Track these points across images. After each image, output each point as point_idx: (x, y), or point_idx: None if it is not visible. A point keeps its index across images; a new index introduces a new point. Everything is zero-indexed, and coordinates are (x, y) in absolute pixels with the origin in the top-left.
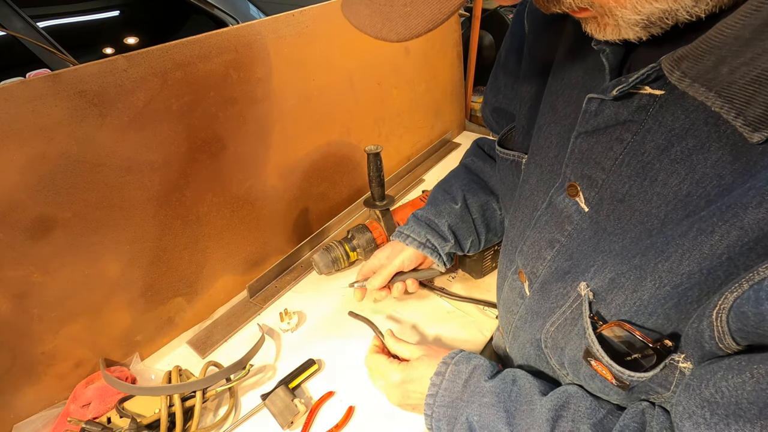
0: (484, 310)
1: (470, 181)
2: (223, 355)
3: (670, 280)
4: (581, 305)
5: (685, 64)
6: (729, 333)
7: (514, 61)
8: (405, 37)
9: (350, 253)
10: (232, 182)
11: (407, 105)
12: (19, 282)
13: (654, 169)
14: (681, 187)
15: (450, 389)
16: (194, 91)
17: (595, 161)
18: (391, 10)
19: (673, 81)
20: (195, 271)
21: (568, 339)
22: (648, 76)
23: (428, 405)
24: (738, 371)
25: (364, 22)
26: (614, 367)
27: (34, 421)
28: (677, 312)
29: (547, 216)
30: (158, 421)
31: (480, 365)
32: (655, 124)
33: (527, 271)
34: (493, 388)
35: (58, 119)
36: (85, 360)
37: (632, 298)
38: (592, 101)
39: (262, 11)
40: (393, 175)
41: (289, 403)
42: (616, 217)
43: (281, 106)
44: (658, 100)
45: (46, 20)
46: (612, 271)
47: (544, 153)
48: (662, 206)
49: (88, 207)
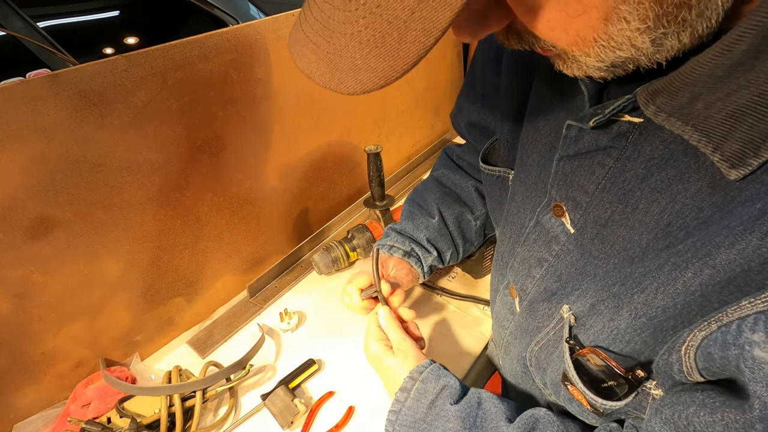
0: (484, 309)
1: (443, 194)
2: (223, 355)
3: (646, 312)
4: (562, 329)
5: (660, 99)
6: (696, 369)
7: (492, 71)
8: (355, 91)
9: (350, 253)
10: (232, 182)
11: (407, 105)
12: (19, 282)
13: (635, 196)
14: (662, 216)
15: (414, 409)
16: (194, 91)
17: (579, 184)
18: (339, 60)
19: (649, 114)
20: (195, 271)
21: (549, 360)
22: (624, 107)
23: (390, 421)
24: (710, 411)
25: (311, 69)
26: (587, 394)
27: (34, 421)
28: (653, 339)
29: (535, 234)
30: (158, 421)
31: (448, 386)
32: (634, 152)
33: (518, 287)
34: (458, 413)
35: (58, 119)
36: (85, 360)
37: (609, 327)
38: (571, 128)
39: (262, 11)
40: (393, 175)
41: (289, 403)
42: (600, 241)
43: (281, 106)
44: (638, 128)
45: (46, 20)
46: (593, 296)
47: (528, 171)
48: (644, 234)
49: (88, 207)
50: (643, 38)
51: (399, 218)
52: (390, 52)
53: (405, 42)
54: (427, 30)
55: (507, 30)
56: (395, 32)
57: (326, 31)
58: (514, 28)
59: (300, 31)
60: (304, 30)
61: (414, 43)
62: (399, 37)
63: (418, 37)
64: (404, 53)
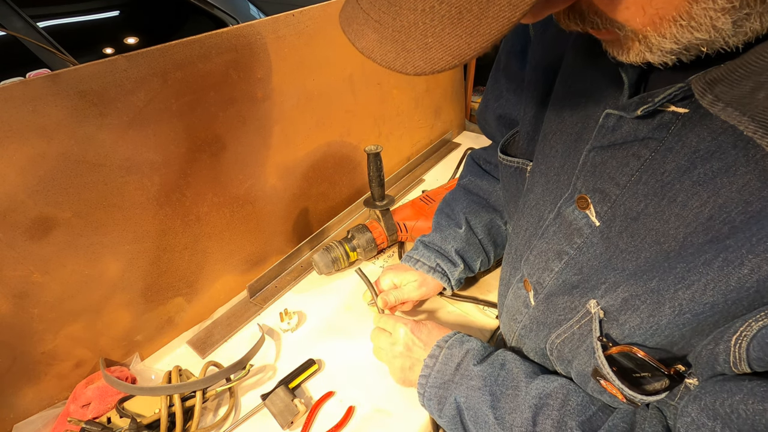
0: (484, 310)
1: (470, 202)
2: (223, 355)
3: (691, 309)
4: (590, 323)
5: (719, 88)
6: (746, 360)
7: (517, 64)
8: (424, 71)
9: (350, 253)
10: (232, 182)
11: (407, 105)
12: (19, 282)
13: (674, 189)
14: (702, 209)
15: (442, 371)
16: (194, 91)
17: (609, 176)
18: (407, 38)
19: (705, 104)
20: (195, 271)
21: (575, 353)
22: (675, 95)
23: (421, 384)
24: (761, 399)
25: (373, 48)
26: (626, 391)
27: (34, 421)
28: (691, 333)
29: (555, 227)
30: (158, 421)
31: (472, 349)
32: (677, 143)
33: (533, 280)
34: (481, 372)
35: (58, 119)
36: (85, 360)
37: (648, 323)
38: (610, 117)
39: (262, 11)
40: (393, 175)
41: (289, 403)
42: (630, 235)
43: (281, 106)
44: (681, 119)
45: (46, 20)
46: (625, 291)
47: (550, 162)
48: (681, 228)
49: (88, 207)
50: (726, 19)
51: (399, 218)
52: (467, 28)
53: (486, 17)
54: (513, 4)
55: (569, 10)
56: (475, 6)
57: (392, 7)
58: (578, 8)
59: (357, 8)
60: (363, 6)
61: (496, 19)
62: (480, 12)
63: (503, 12)
64: (484, 30)
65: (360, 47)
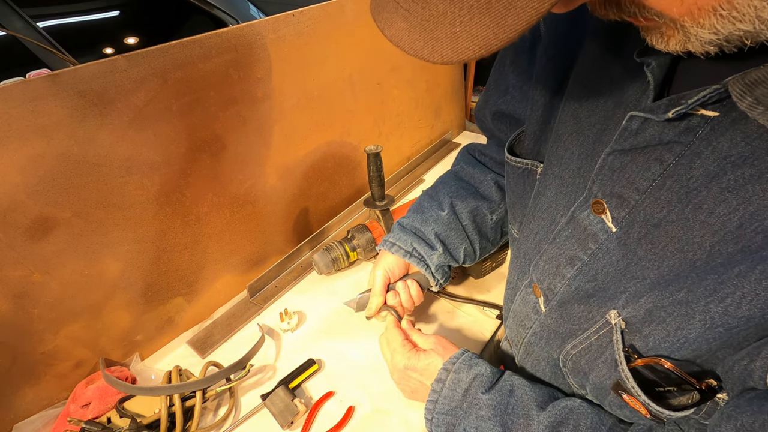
0: (484, 310)
1: (459, 187)
2: (223, 355)
3: (725, 322)
4: (611, 334)
5: (759, 90)
6: None
7: (526, 60)
8: (451, 60)
9: (350, 253)
10: (232, 182)
11: (407, 105)
12: (19, 282)
13: (700, 195)
14: (731, 217)
15: (450, 397)
16: (194, 91)
17: (629, 180)
18: (435, 27)
19: (743, 107)
20: (195, 271)
21: (593, 366)
22: (710, 97)
23: (428, 410)
24: None
25: (401, 37)
26: (652, 406)
27: (34, 421)
28: (720, 346)
29: (567, 232)
30: (158, 421)
31: (480, 374)
32: (706, 148)
33: (543, 286)
34: (490, 401)
35: (58, 119)
36: (85, 360)
37: (676, 335)
38: (634, 119)
39: (262, 11)
40: (393, 175)
41: (289, 403)
42: (650, 242)
43: (281, 106)
44: (710, 122)
45: (46, 20)
46: (649, 302)
47: (565, 164)
48: (707, 236)
49: (88, 207)
50: None
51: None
52: (495, 18)
53: (514, 7)
54: None
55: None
56: None
57: None
58: None
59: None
60: None
61: (525, 9)
62: (508, 2)
63: (531, 1)
64: (512, 20)
65: (389, 35)
